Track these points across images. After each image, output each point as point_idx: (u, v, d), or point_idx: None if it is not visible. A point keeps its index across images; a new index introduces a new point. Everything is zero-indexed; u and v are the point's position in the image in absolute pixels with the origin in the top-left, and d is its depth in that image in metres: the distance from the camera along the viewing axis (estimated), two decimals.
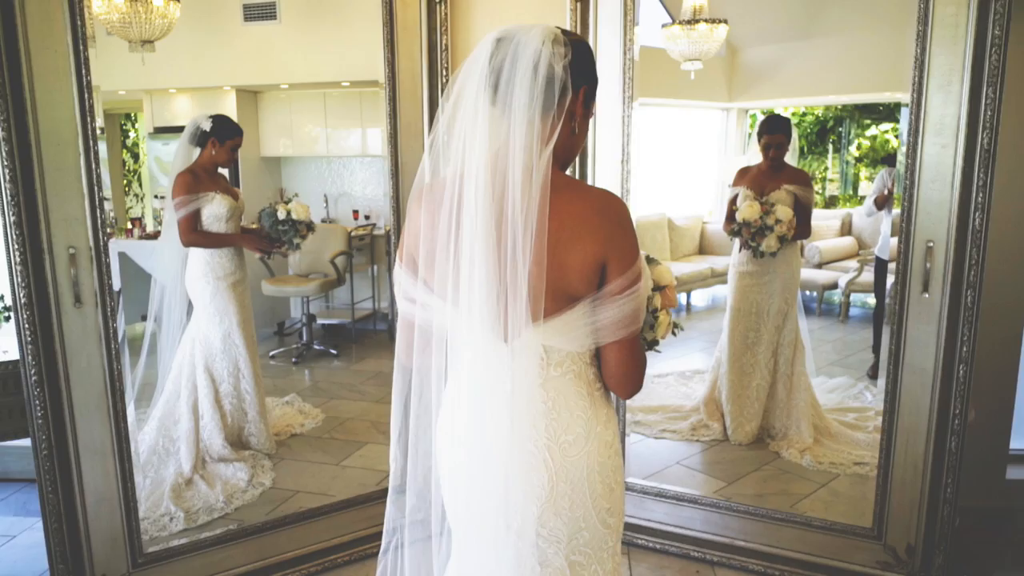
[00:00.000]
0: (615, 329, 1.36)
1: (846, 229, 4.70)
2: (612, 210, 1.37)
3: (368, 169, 4.64)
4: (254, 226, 3.67)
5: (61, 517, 2.41)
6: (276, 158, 4.64)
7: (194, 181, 3.41)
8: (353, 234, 4.51)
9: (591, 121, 1.50)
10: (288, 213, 3.52)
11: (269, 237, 3.56)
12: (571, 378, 1.42)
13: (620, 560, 1.54)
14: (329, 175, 4.70)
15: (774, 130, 3.55)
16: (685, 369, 4.47)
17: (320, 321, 4.76)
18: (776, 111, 4.41)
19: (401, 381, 1.58)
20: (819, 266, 4.55)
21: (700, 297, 4.91)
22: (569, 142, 1.40)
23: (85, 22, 2.29)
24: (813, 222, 4.58)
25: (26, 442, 3.60)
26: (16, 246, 2.23)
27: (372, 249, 4.63)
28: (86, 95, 2.30)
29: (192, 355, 3.53)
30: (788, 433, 3.73)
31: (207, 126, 3.43)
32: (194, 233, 3.42)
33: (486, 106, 1.32)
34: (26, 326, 2.28)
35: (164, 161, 3.92)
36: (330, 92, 4.63)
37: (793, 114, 4.52)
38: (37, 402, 2.32)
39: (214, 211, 3.43)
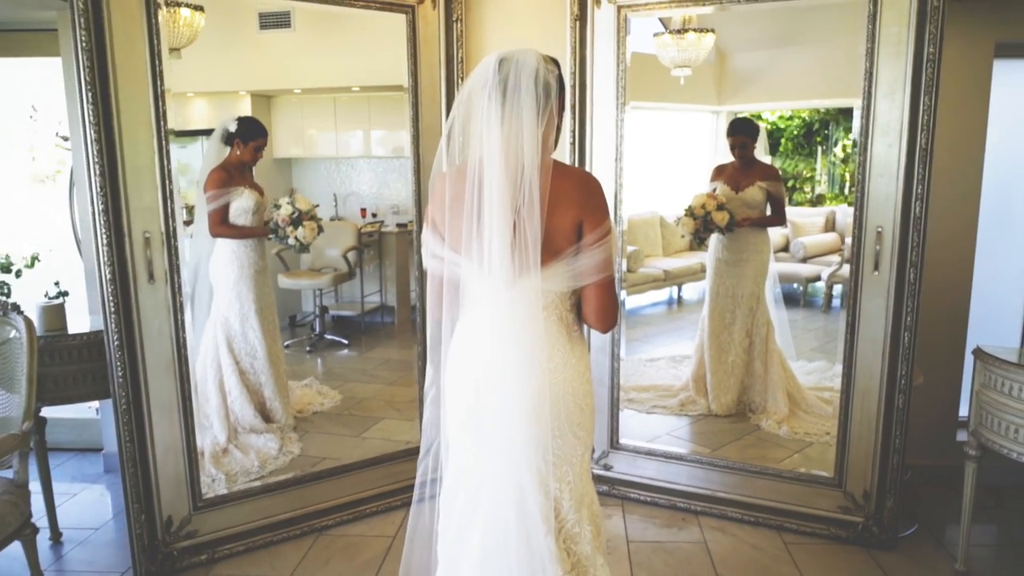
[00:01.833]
0: (592, 273, 1.78)
1: (830, 225, 4.95)
2: (588, 184, 1.82)
3: (375, 169, 4.95)
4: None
5: (136, 464, 2.80)
6: (287, 159, 4.93)
7: (226, 177, 3.72)
8: (362, 231, 4.82)
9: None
10: (292, 203, 3.76)
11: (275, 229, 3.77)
12: (555, 320, 1.84)
13: (589, 466, 1.95)
14: (338, 175, 4.97)
15: (737, 132, 3.93)
16: (676, 354, 4.78)
17: (331, 313, 5.06)
18: (763, 114, 4.74)
19: (433, 332, 1.98)
20: (804, 260, 4.84)
21: (690, 290, 5.19)
22: (553, 132, 1.84)
23: (161, 40, 2.69)
24: (799, 219, 4.94)
25: (76, 415, 4.03)
26: (103, 231, 2.63)
27: (380, 245, 4.92)
28: (160, 102, 2.70)
29: (215, 337, 3.83)
30: (766, 406, 4.09)
31: (233, 128, 3.73)
32: (222, 225, 3.73)
33: (498, 108, 1.73)
34: (110, 299, 2.67)
35: (181, 163, 4.08)
36: (339, 96, 4.91)
37: (780, 117, 4.78)
38: (118, 364, 2.72)
39: (242, 205, 3.75)
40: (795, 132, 4.78)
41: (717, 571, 2.92)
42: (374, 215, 4.86)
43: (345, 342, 5.01)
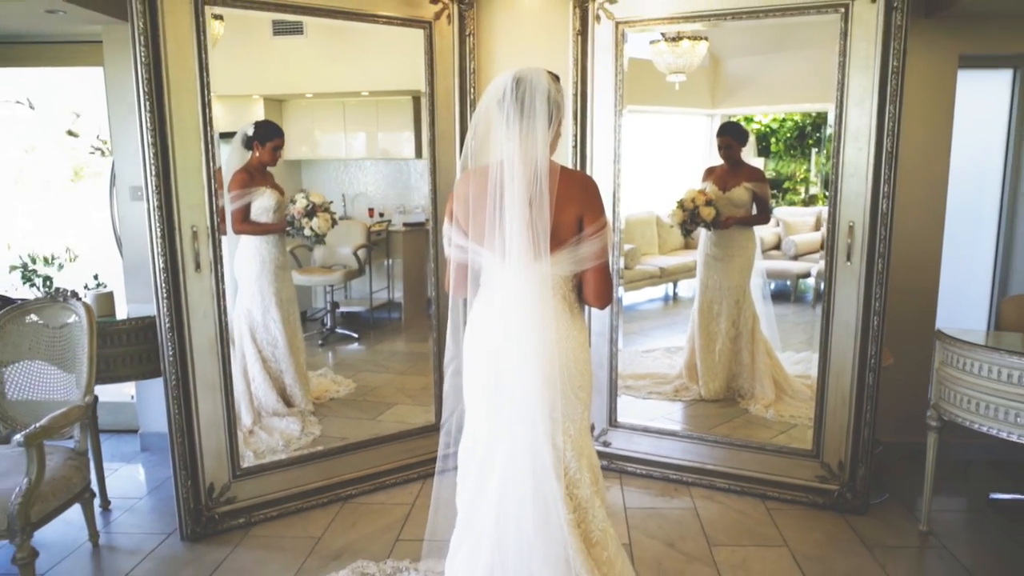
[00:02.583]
0: (591, 259, 2.12)
1: (820, 224, 5.00)
2: (587, 185, 2.17)
3: (382, 171, 5.15)
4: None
5: (184, 435, 3.11)
6: (298, 161, 5.12)
7: (248, 178, 3.98)
8: (371, 230, 5.06)
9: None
10: (306, 197, 4.01)
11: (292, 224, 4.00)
12: (560, 299, 2.17)
13: (588, 424, 2.28)
14: (346, 176, 5.16)
15: (723, 133, 4.24)
16: (670, 346, 5.04)
17: (341, 309, 5.27)
18: (755, 117, 5.01)
19: (453, 312, 2.29)
20: (795, 258, 5.05)
21: (685, 287, 5.36)
22: (555, 140, 2.17)
23: (207, 54, 3.01)
24: (791, 218, 5.19)
25: (114, 399, 4.33)
26: (157, 225, 2.95)
27: (388, 244, 5.13)
28: (207, 110, 3.02)
29: (239, 328, 4.07)
30: (754, 391, 4.39)
31: (250, 131, 3.98)
32: (243, 223, 3.98)
33: (516, 122, 2.05)
34: (162, 286, 2.99)
35: None
36: (348, 100, 5.09)
37: (774, 119, 4.93)
38: (169, 345, 3.03)
39: (263, 204, 4.02)
40: (787, 134, 4.90)
41: (706, 533, 3.24)
42: (381, 215, 5.09)
43: (355, 336, 5.25)
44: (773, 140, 4.90)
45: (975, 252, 4.14)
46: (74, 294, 3.13)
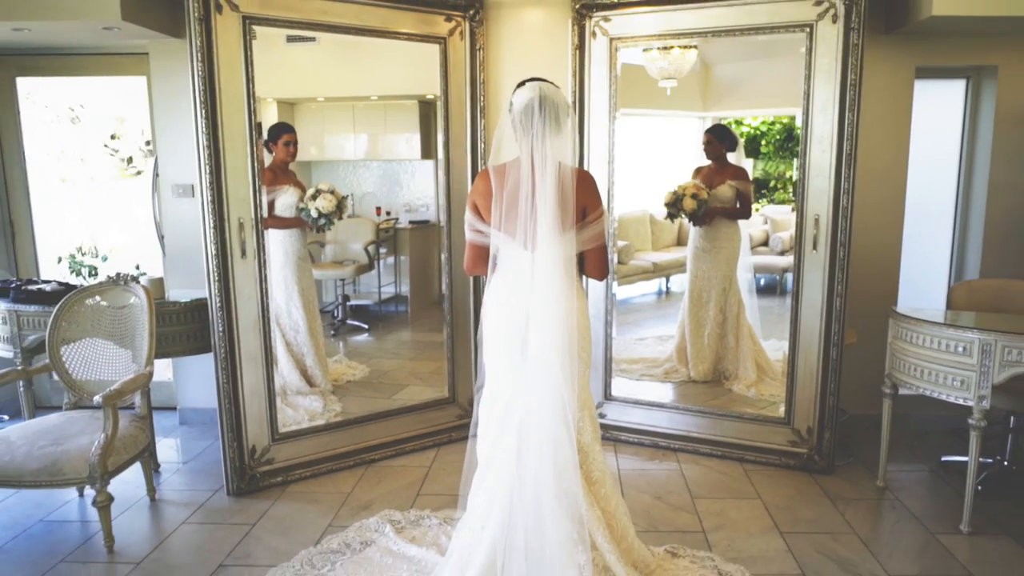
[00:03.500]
0: (591, 241, 2.58)
1: None
2: (589, 181, 2.61)
3: (389, 171, 5.44)
4: None
5: (231, 402, 3.54)
6: (308, 162, 5.38)
7: (273, 176, 4.33)
8: (380, 227, 5.36)
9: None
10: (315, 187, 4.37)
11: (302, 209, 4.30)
12: (568, 276, 2.57)
13: (588, 380, 2.72)
14: (354, 176, 5.44)
15: (707, 132, 4.66)
16: (662, 334, 5.40)
17: (351, 302, 5.59)
18: (746, 120, 5.22)
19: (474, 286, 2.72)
20: (781, 253, 5.30)
21: (677, 282, 5.67)
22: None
23: (252, 67, 3.44)
24: (778, 216, 5.48)
25: (155, 377, 4.72)
26: (211, 217, 3.38)
27: (395, 240, 5.45)
28: (252, 116, 3.45)
29: None
30: (738, 373, 4.79)
31: (265, 135, 4.29)
32: (270, 218, 4.28)
33: (543, 131, 2.49)
34: (214, 271, 3.42)
35: None
36: (357, 104, 5.37)
37: (764, 122, 5.20)
38: (219, 322, 3.46)
39: (287, 200, 4.39)
40: (776, 136, 5.08)
41: (690, 489, 3.67)
42: (388, 213, 5.40)
43: (365, 327, 5.60)
44: (763, 142, 5.17)
45: (934, 243, 4.59)
46: (134, 278, 3.56)
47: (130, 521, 3.39)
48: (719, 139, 4.55)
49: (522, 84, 2.57)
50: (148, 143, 4.60)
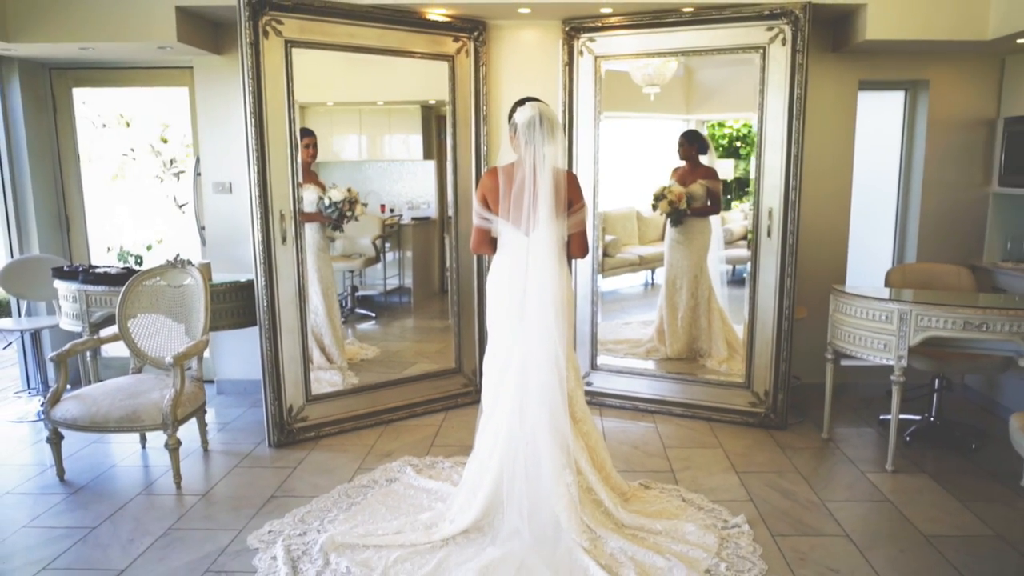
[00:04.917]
0: (576, 226, 3.21)
1: None
2: (574, 178, 3.27)
3: (393, 171, 5.87)
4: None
5: (273, 367, 4.16)
6: (317, 162, 5.95)
7: None
8: (385, 223, 5.83)
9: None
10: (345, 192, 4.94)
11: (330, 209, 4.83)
12: (558, 257, 3.20)
13: (572, 340, 3.33)
14: (360, 176, 5.84)
15: (681, 136, 5.20)
16: (645, 319, 5.98)
17: (358, 293, 6.06)
18: (727, 123, 5.61)
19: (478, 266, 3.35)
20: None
21: (662, 274, 5.97)
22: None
23: (293, 79, 4.06)
24: None
25: None
26: (258, 209, 4.00)
27: (399, 236, 5.90)
28: (292, 125, 4.08)
29: None
30: (711, 351, 5.43)
31: None
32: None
33: (544, 141, 3.11)
34: (260, 255, 4.04)
35: None
36: (364, 108, 5.79)
37: (744, 125, 5.56)
38: (264, 299, 4.09)
39: (309, 198, 4.91)
40: (755, 139, 5.27)
41: (663, 441, 4.31)
42: (392, 210, 5.84)
43: (372, 315, 6.10)
44: (741, 144, 5.56)
45: (880, 232, 5.25)
46: (189, 262, 4.17)
47: (190, 465, 4.01)
48: (690, 143, 5.17)
49: (521, 103, 3.20)
50: (188, 146, 5.19)
